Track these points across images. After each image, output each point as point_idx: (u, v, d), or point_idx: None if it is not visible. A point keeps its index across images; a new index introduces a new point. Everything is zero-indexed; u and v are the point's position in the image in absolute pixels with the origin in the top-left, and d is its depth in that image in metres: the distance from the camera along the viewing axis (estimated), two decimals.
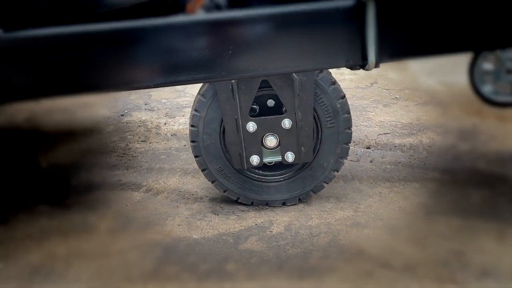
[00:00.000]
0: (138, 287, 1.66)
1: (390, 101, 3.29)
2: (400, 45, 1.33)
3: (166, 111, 3.28)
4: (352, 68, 1.35)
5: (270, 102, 1.98)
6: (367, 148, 2.63)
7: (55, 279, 1.70)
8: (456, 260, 1.71)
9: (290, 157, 1.98)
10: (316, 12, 1.26)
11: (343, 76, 3.70)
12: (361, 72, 3.29)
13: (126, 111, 3.28)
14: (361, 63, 1.31)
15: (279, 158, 2.01)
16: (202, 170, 2.04)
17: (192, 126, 1.97)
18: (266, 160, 2.01)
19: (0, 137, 2.96)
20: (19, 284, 1.69)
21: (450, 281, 1.61)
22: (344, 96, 2.00)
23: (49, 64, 1.15)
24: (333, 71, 2.04)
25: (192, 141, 1.99)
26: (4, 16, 1.18)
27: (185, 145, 2.75)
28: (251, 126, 1.91)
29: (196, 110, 1.95)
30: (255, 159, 1.96)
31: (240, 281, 1.67)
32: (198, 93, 1.97)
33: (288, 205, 2.10)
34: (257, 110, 1.99)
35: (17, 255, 1.83)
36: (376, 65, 1.31)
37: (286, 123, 1.93)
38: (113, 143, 2.81)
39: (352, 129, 2.05)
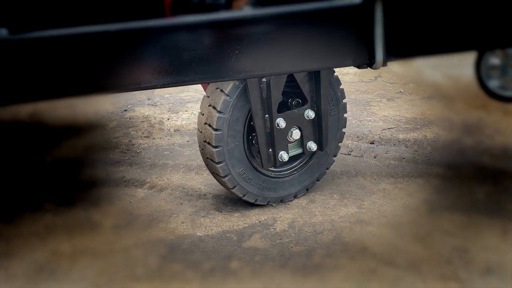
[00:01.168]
0: (143, 285, 1.66)
1: (394, 95, 3.27)
2: (407, 44, 1.31)
3: (169, 106, 3.27)
4: (359, 67, 1.34)
5: None
6: (371, 143, 2.62)
7: (60, 277, 1.71)
8: (460, 257, 1.71)
9: (313, 146, 2.02)
10: (323, 11, 1.24)
11: (346, 69, 3.67)
12: None
13: (129, 106, 3.27)
14: (368, 62, 1.30)
15: (300, 150, 2.03)
16: (223, 177, 1.95)
17: (216, 130, 1.87)
18: (291, 154, 2.01)
19: (4, 132, 2.95)
20: (24, 282, 1.70)
21: (454, 279, 1.61)
22: (341, 83, 2.10)
23: (56, 66, 1.14)
24: None
25: (216, 147, 1.88)
26: (10, 17, 1.17)
27: (188, 141, 2.75)
28: (282, 122, 1.91)
29: (220, 112, 1.86)
30: (284, 155, 1.96)
31: (244, 278, 1.67)
32: (223, 93, 1.87)
33: (299, 197, 2.13)
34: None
35: (22, 253, 1.84)
36: (384, 64, 1.31)
37: (310, 113, 1.97)
38: (117, 139, 2.80)
39: (356, 122, 2.05)
